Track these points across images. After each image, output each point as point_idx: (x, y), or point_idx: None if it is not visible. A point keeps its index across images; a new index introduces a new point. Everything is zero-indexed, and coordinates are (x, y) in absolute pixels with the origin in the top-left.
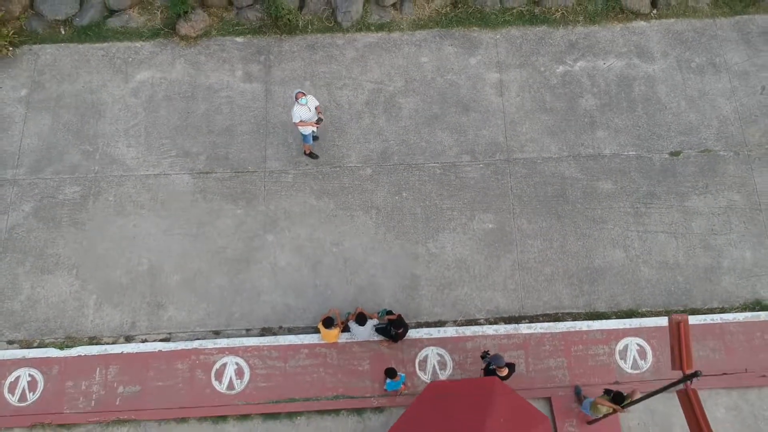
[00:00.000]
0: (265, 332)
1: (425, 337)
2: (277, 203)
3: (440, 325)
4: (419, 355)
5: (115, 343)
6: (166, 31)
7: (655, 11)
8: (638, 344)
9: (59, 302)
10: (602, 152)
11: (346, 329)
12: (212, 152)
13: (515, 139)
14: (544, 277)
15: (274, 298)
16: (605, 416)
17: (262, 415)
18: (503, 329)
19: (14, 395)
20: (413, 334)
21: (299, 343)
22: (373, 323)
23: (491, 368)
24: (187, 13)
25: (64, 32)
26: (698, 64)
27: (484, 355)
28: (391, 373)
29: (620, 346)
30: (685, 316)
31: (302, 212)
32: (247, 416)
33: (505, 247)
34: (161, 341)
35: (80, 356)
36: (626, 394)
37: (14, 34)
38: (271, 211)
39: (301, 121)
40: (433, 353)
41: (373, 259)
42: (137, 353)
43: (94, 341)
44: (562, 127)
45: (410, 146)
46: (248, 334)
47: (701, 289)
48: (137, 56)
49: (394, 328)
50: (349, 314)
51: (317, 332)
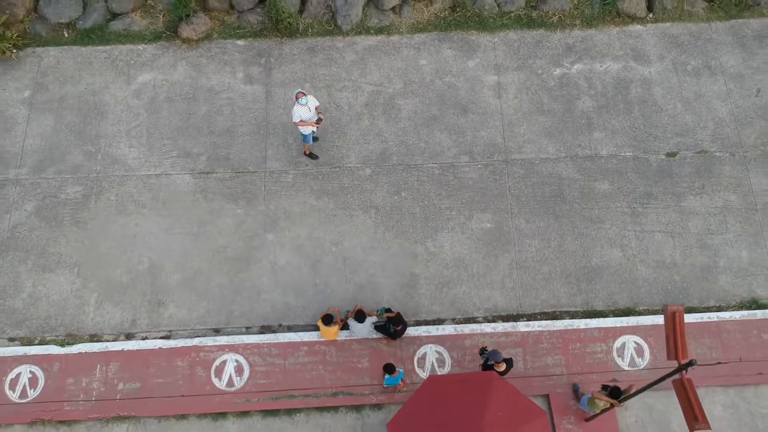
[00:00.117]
0: (264, 330)
1: (424, 334)
2: (277, 203)
3: (439, 323)
4: (418, 352)
5: (115, 340)
6: (168, 34)
7: (651, 15)
8: (635, 342)
9: (60, 300)
10: (599, 153)
11: (345, 327)
12: (213, 153)
13: (513, 140)
14: (541, 275)
15: (273, 296)
16: (603, 411)
17: (261, 411)
18: (501, 327)
19: (15, 392)
20: (412, 331)
21: (299, 340)
22: (372, 321)
23: (489, 364)
24: (188, 16)
25: (67, 35)
26: (694, 66)
27: (482, 351)
28: (389, 368)
29: (618, 343)
30: (680, 306)
31: (302, 212)
32: (246, 413)
33: (503, 246)
34: (161, 339)
35: (81, 353)
36: (623, 389)
37: (18, 37)
38: (271, 210)
39: (301, 120)
40: (431, 351)
41: (372, 258)
42: (137, 350)
43: (94, 339)
44: (559, 128)
45: (409, 147)
46: (248, 331)
47: (698, 287)
48: (139, 59)
49: (392, 325)
50: (348, 312)
51: (317, 330)
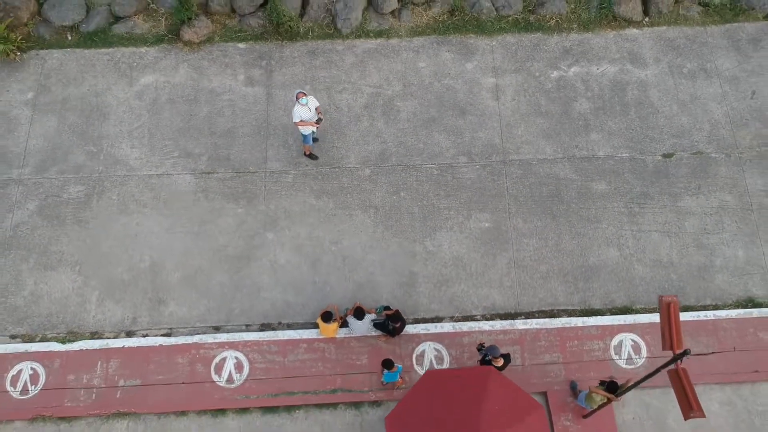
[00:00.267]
0: (264, 327)
1: (422, 332)
2: (277, 203)
3: (437, 321)
4: (416, 349)
5: (116, 337)
6: (170, 37)
7: (647, 19)
8: (632, 340)
9: (62, 298)
10: (596, 154)
11: (344, 324)
12: (214, 153)
13: (511, 141)
14: (539, 274)
15: (273, 294)
16: (600, 407)
17: (261, 408)
18: (499, 325)
19: (16, 388)
20: (410, 329)
21: (298, 337)
22: (371, 318)
23: (487, 359)
24: (191, 19)
25: (70, 38)
26: (690, 69)
27: (480, 347)
28: (388, 364)
29: (615, 341)
30: (674, 297)
31: (302, 211)
32: (246, 410)
33: (501, 245)
34: (162, 336)
35: (82, 350)
36: (620, 384)
37: (22, 39)
38: (271, 210)
39: (301, 120)
40: (430, 348)
41: (371, 256)
42: (138, 347)
43: (95, 336)
44: (556, 129)
45: (408, 148)
46: (248, 329)
47: (694, 286)
48: (142, 61)
49: (391, 322)
50: (347, 310)
51: (316, 327)
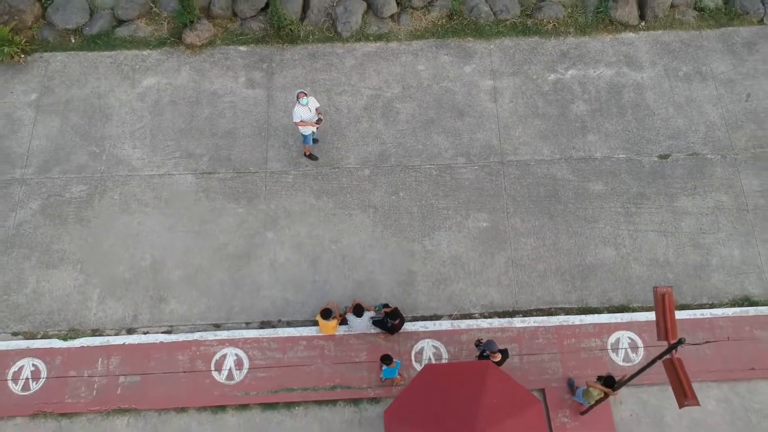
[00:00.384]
0: (264, 325)
1: (421, 330)
2: (277, 202)
3: (436, 319)
4: (415, 347)
5: (117, 335)
6: (172, 40)
7: (643, 23)
8: (630, 338)
9: (63, 296)
10: (593, 155)
11: (343, 322)
12: (215, 154)
13: (509, 142)
14: (537, 273)
15: (273, 292)
16: (597, 402)
17: (260, 405)
18: (497, 323)
19: (17, 384)
20: (409, 327)
21: (298, 335)
22: (370, 315)
23: (485, 355)
24: (192, 23)
25: (74, 41)
26: (685, 72)
27: (477, 343)
28: (386, 359)
29: (612, 339)
30: (669, 288)
31: (302, 211)
32: (245, 406)
33: (499, 244)
34: (163, 333)
35: (83, 347)
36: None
37: (26, 42)
38: (271, 209)
39: (301, 120)
40: (428, 345)
41: (370, 255)
42: (139, 344)
43: (96, 333)
44: (554, 131)
45: (407, 149)
46: (248, 327)
47: (691, 285)
48: (144, 63)
49: (390, 319)
50: (346, 308)
51: (316, 325)
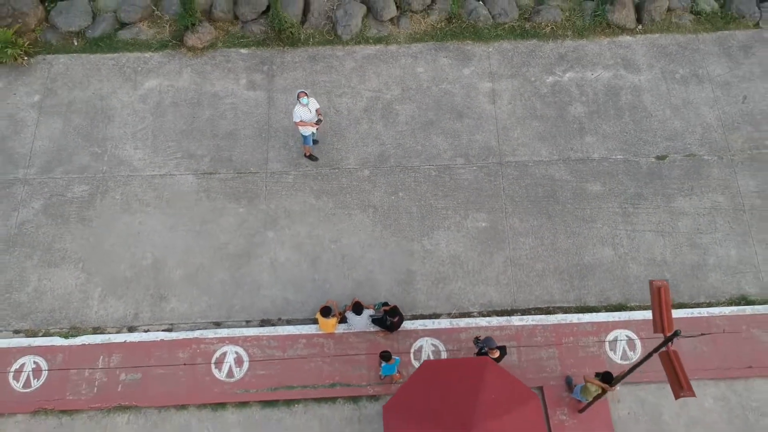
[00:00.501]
0: (264, 323)
1: (420, 328)
2: (277, 202)
3: (435, 317)
4: (414, 345)
5: (118, 332)
6: (174, 42)
7: (640, 26)
8: (627, 336)
9: (65, 294)
10: (591, 156)
11: (343, 321)
12: (216, 154)
13: (507, 143)
14: (535, 272)
15: (273, 291)
16: (595, 399)
17: (260, 402)
18: (496, 321)
19: (19, 382)
20: (408, 325)
21: (297, 333)
22: (369, 313)
23: (483, 351)
24: (194, 25)
25: (76, 43)
26: (682, 75)
27: (476, 340)
28: (386, 356)
29: (610, 337)
30: (665, 281)
31: (302, 211)
32: (245, 403)
33: (497, 244)
34: (163, 331)
35: (84, 345)
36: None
37: (29, 44)
38: (272, 209)
39: (300, 120)
40: (427, 343)
41: (370, 255)
42: (139, 342)
43: (98, 331)
44: (552, 132)
45: (406, 150)
46: (248, 325)
47: (688, 284)
48: (146, 66)
49: (389, 317)
50: (346, 306)
51: (315, 323)
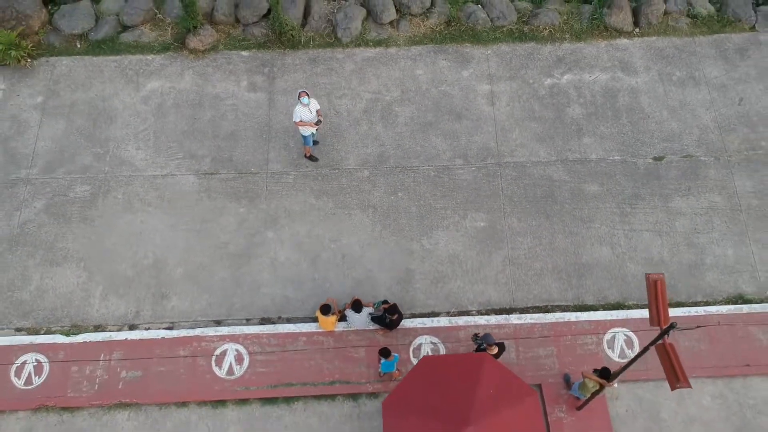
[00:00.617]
0: (264, 322)
1: (419, 326)
2: (278, 202)
3: (434, 315)
4: (413, 342)
5: (119, 330)
6: (176, 45)
7: (637, 29)
8: (625, 334)
9: (67, 293)
10: (589, 157)
11: (343, 318)
12: (217, 155)
13: (506, 144)
14: (533, 271)
15: (273, 290)
16: (593, 395)
17: (260, 399)
18: (494, 320)
19: (20, 379)
20: (407, 323)
21: (297, 331)
22: (368, 311)
23: (482, 348)
24: (196, 28)
25: (79, 46)
26: (679, 77)
27: (475, 337)
28: (385, 352)
29: (608, 336)
30: (661, 275)
31: (302, 211)
32: (245, 401)
33: (496, 243)
34: (164, 329)
35: (85, 342)
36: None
37: (33, 47)
38: (272, 209)
39: (300, 120)
40: (426, 341)
41: (369, 254)
42: (140, 340)
43: (99, 329)
44: (550, 133)
45: (406, 150)
46: (248, 323)
47: (686, 284)
48: (148, 68)
49: (388, 314)
50: (345, 304)
51: (315, 321)
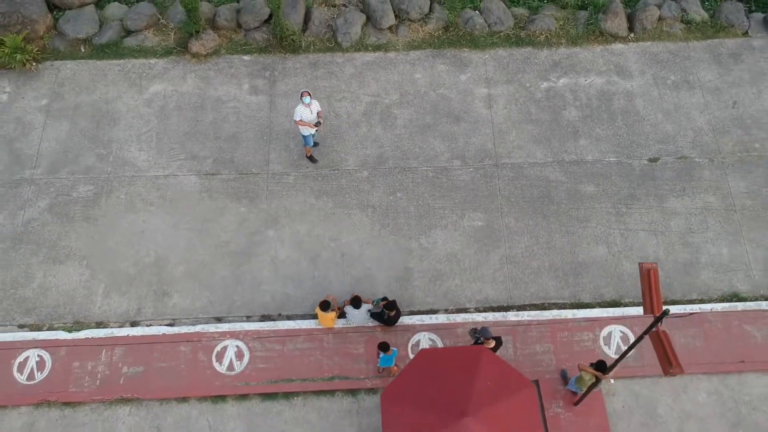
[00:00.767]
0: (264, 318)
1: (418, 323)
2: (278, 202)
3: (432, 313)
4: (412, 339)
5: (121, 327)
6: (178, 49)
7: (632, 35)
8: (621, 331)
9: (69, 290)
10: (585, 158)
11: (342, 315)
12: (219, 156)
13: (503, 146)
14: (530, 270)
15: (274, 288)
16: (590, 389)
17: (260, 395)
18: (492, 317)
19: (23, 374)
20: (406, 320)
21: (297, 327)
22: (368, 308)
23: (479, 342)
24: (198, 33)
25: (83, 50)
26: (673, 81)
27: (473, 331)
28: (384, 347)
29: (604, 332)
30: (654, 264)
31: (302, 210)
32: (245, 396)
33: (493, 242)
34: (165, 326)
35: (87, 338)
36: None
37: (38, 51)
38: (272, 209)
39: (300, 120)
40: (425, 338)
41: (368, 253)
42: (142, 336)
43: (101, 326)
44: (546, 135)
45: (404, 152)
46: (249, 320)
47: (681, 282)
48: (151, 71)
49: (387, 311)
50: (345, 301)
51: (315, 318)
